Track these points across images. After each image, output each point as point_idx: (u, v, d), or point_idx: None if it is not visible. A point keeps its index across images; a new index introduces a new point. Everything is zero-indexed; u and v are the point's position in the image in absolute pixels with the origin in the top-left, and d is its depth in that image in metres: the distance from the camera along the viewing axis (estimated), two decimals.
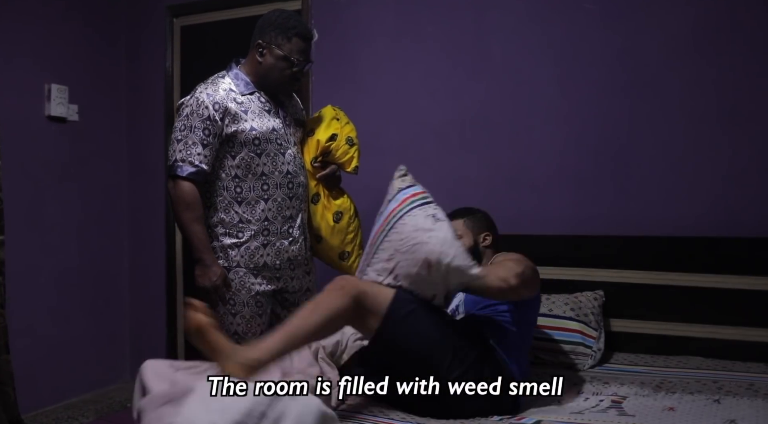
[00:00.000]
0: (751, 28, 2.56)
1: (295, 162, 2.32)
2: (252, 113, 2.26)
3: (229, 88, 2.26)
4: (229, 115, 2.21)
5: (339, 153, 2.39)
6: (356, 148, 2.42)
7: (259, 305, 2.30)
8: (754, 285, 2.44)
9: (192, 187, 2.20)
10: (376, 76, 3.18)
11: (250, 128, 2.23)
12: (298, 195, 2.32)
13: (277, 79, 2.29)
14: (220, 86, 2.26)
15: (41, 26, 3.31)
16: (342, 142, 2.39)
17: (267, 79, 2.29)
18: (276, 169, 2.26)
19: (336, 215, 2.40)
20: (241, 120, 2.22)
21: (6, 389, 2.88)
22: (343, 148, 2.39)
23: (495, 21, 2.96)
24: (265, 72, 2.28)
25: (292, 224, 2.32)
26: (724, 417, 1.79)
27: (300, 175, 2.33)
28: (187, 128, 2.20)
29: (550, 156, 2.87)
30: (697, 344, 2.50)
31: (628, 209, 2.73)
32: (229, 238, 2.26)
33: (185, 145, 2.19)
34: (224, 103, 2.21)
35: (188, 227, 2.22)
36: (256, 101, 2.29)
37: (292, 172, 2.29)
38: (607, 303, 2.61)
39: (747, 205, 2.56)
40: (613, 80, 2.76)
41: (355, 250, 2.45)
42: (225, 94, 2.24)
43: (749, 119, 2.57)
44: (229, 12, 3.57)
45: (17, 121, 3.15)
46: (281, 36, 2.25)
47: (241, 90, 2.28)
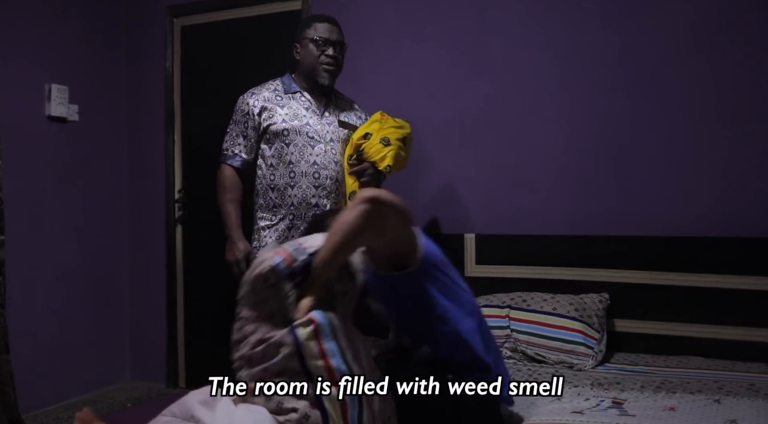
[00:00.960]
0: (751, 28, 2.56)
1: (326, 156, 2.49)
2: (288, 109, 2.51)
3: (274, 89, 2.55)
4: (266, 110, 2.49)
5: (371, 151, 2.46)
6: (393, 148, 2.45)
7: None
8: (754, 285, 2.44)
9: (231, 172, 2.54)
10: (376, 76, 3.18)
11: (282, 121, 2.48)
12: (325, 186, 2.49)
13: (313, 64, 2.49)
14: (265, 87, 2.56)
15: (41, 26, 3.31)
16: (375, 141, 2.46)
17: (307, 69, 2.51)
18: (303, 159, 2.46)
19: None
20: (276, 114, 2.49)
21: (6, 389, 2.88)
22: (376, 147, 2.45)
23: (495, 21, 2.96)
24: (304, 64, 2.51)
25: (317, 212, 2.46)
26: (724, 417, 1.79)
27: (329, 169, 2.49)
28: (233, 122, 2.56)
29: (551, 156, 2.87)
30: (698, 344, 2.50)
31: (628, 209, 2.73)
32: (263, 220, 2.52)
33: (230, 137, 2.56)
34: (263, 100, 2.51)
35: (222, 206, 2.54)
36: (297, 99, 2.54)
37: (319, 163, 2.47)
38: (609, 303, 2.61)
39: (748, 206, 2.56)
40: (614, 80, 2.76)
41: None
42: (269, 93, 2.53)
43: (750, 119, 2.57)
44: (229, 12, 3.57)
45: (17, 121, 3.15)
46: (305, 29, 2.52)
47: (286, 89, 2.55)
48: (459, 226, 2.99)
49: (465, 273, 2.88)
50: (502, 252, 2.83)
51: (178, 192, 3.69)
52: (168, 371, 3.72)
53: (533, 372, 2.31)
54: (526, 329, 2.49)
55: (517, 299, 2.61)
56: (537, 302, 2.56)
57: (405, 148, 2.53)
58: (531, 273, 2.77)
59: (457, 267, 2.85)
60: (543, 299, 2.57)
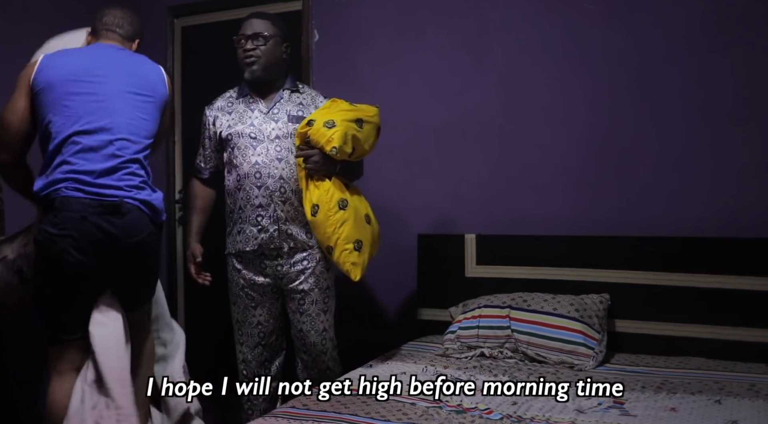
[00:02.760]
0: (753, 27, 2.56)
1: (268, 155, 2.46)
2: (235, 113, 2.54)
3: (228, 96, 2.61)
4: (217, 119, 2.56)
5: (317, 136, 2.32)
6: (338, 129, 2.30)
7: (250, 297, 2.53)
8: (755, 285, 2.43)
9: (196, 183, 2.65)
10: (376, 77, 3.17)
11: (227, 126, 2.53)
12: (267, 185, 2.45)
13: (240, 62, 2.52)
14: (222, 96, 2.63)
15: (42, 26, 3.30)
16: (320, 126, 2.32)
17: (241, 67, 2.52)
18: (245, 161, 2.47)
19: (313, 209, 2.35)
20: (223, 121, 2.54)
21: (6, 390, 2.88)
22: (321, 131, 2.31)
23: (495, 21, 2.96)
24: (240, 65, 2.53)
25: (261, 213, 2.46)
26: (725, 418, 1.79)
27: (270, 167, 2.46)
28: (201, 135, 2.64)
29: (552, 156, 2.86)
30: (699, 345, 2.50)
31: (629, 210, 2.73)
32: (227, 228, 2.57)
33: (199, 150, 2.65)
34: (216, 110, 2.58)
35: (187, 214, 2.70)
36: (243, 102, 2.56)
37: (260, 163, 2.46)
38: (609, 304, 2.60)
39: (748, 206, 2.56)
40: (615, 80, 2.76)
41: (339, 244, 2.35)
42: (222, 102, 2.60)
43: (750, 120, 2.57)
44: (229, 12, 3.57)
45: None
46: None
47: (239, 94, 2.59)
48: (459, 226, 2.98)
49: (465, 273, 2.89)
50: (502, 252, 2.83)
51: (179, 193, 3.69)
52: None
53: (533, 372, 2.31)
54: (527, 329, 2.48)
55: (518, 299, 2.60)
56: (537, 303, 2.56)
57: (362, 131, 2.38)
58: (531, 273, 2.76)
59: (457, 267, 2.89)
60: (543, 300, 2.57)
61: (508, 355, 2.49)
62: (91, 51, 2.23)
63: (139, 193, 2.04)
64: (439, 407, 1.92)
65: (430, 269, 2.96)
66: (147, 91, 2.16)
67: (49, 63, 2.11)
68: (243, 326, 2.57)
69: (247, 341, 2.57)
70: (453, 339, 2.57)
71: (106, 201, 1.97)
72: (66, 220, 1.94)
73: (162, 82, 2.22)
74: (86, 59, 2.15)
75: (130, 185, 2.03)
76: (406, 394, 2.04)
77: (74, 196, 1.95)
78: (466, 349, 2.54)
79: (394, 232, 3.08)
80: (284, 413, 1.88)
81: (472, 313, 2.61)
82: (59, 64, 2.10)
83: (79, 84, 2.07)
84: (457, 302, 2.80)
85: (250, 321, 2.55)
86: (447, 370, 2.33)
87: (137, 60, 2.24)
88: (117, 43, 2.27)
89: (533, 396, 2.02)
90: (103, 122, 2.04)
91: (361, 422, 1.80)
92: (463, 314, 2.65)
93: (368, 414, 1.86)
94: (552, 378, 2.22)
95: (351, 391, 2.08)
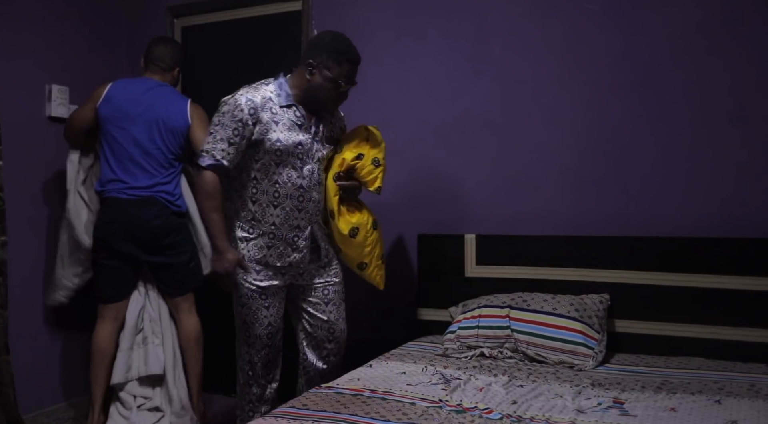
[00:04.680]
0: (752, 28, 2.56)
1: (312, 178, 2.44)
2: (282, 126, 2.39)
3: (269, 97, 2.40)
4: (261, 123, 2.36)
5: (364, 172, 2.49)
6: (382, 169, 2.51)
7: (263, 297, 2.46)
8: (755, 286, 2.43)
9: (213, 177, 2.37)
10: (376, 76, 3.17)
11: (276, 139, 2.37)
12: (308, 209, 2.45)
13: (322, 99, 2.40)
14: (260, 93, 2.39)
15: (42, 27, 3.31)
16: (368, 162, 2.48)
17: (312, 97, 2.40)
18: (290, 182, 2.40)
19: (352, 231, 2.51)
20: (270, 130, 2.36)
21: (6, 390, 2.88)
22: (368, 168, 2.49)
23: (495, 21, 2.96)
24: (312, 90, 2.39)
25: (299, 234, 2.45)
26: (725, 418, 1.79)
27: (313, 191, 2.46)
28: (220, 124, 2.36)
29: (551, 156, 2.87)
30: (698, 345, 2.50)
31: (628, 210, 2.73)
32: (241, 231, 2.46)
33: (213, 139, 2.37)
34: (259, 110, 2.36)
35: (207, 214, 2.41)
36: (291, 115, 2.41)
37: (305, 186, 2.43)
38: (609, 304, 2.60)
39: (748, 206, 2.56)
40: (614, 80, 2.76)
41: (373, 261, 2.59)
42: (263, 101, 2.38)
43: (750, 120, 2.57)
44: (229, 13, 3.58)
45: (18, 121, 3.15)
46: (332, 59, 2.36)
47: (281, 101, 2.41)
48: (459, 226, 2.99)
49: (465, 273, 2.89)
50: (502, 252, 2.83)
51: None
52: None
53: (533, 372, 2.31)
54: (527, 329, 2.48)
55: (518, 299, 2.60)
56: (537, 303, 2.56)
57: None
58: (531, 273, 2.76)
59: (457, 267, 2.89)
60: (543, 300, 2.57)
61: (508, 355, 2.49)
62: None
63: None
64: (439, 407, 1.92)
65: (430, 269, 2.96)
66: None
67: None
68: (252, 328, 2.49)
69: (255, 343, 2.52)
70: (453, 339, 2.57)
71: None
72: None
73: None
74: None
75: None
76: (406, 394, 2.04)
77: None
78: (466, 349, 2.54)
79: (394, 232, 3.09)
80: (284, 413, 1.88)
81: (471, 313, 2.61)
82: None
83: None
84: (457, 302, 2.80)
85: (261, 322, 2.49)
86: (447, 370, 2.33)
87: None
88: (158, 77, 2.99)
89: (533, 396, 2.02)
90: None
91: (361, 422, 1.80)
92: (462, 314, 2.65)
93: (368, 414, 1.86)
94: (552, 378, 2.23)
95: (351, 391, 2.08)
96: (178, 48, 3.10)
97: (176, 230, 2.90)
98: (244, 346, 2.55)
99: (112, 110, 2.87)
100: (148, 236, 2.84)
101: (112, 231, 2.84)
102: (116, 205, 2.84)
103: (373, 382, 2.18)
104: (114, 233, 2.84)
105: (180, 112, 2.91)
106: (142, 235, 2.83)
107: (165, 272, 2.93)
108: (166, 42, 3.08)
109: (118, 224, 2.83)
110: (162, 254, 2.88)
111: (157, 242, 2.86)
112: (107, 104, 2.89)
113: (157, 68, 3.00)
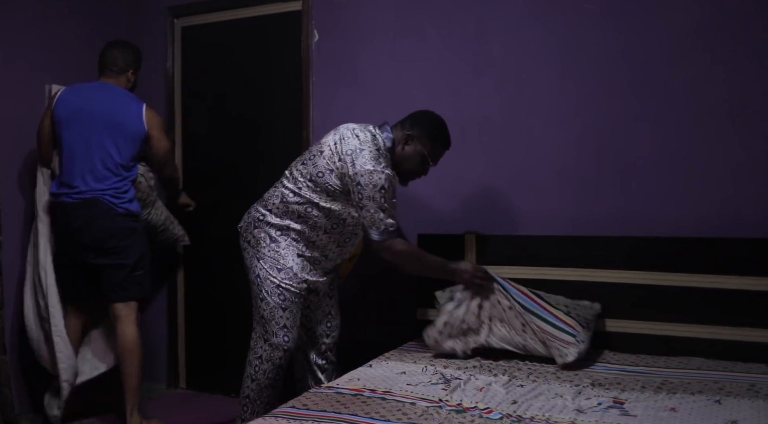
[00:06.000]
0: (752, 28, 2.56)
1: (356, 224, 2.56)
2: None
3: (387, 159, 2.47)
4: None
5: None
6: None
7: (282, 297, 2.47)
8: (754, 286, 2.43)
9: (400, 241, 2.50)
10: (376, 76, 3.18)
11: None
12: (345, 253, 2.66)
13: (408, 169, 2.54)
14: (382, 156, 2.44)
15: (42, 26, 3.31)
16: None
17: (400, 164, 2.51)
18: (347, 228, 2.55)
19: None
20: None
21: (3, 390, 2.88)
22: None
23: (495, 21, 2.96)
24: (403, 158, 2.52)
25: (333, 266, 2.66)
26: (725, 418, 1.79)
27: (358, 229, 2.56)
28: (386, 199, 2.39)
29: (551, 156, 2.87)
30: (698, 345, 2.50)
31: (628, 210, 2.73)
32: (295, 242, 2.50)
33: (387, 215, 2.41)
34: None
35: (425, 265, 2.54)
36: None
37: (357, 233, 2.59)
38: (608, 304, 2.61)
39: (748, 206, 2.56)
40: (614, 80, 2.76)
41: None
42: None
43: (750, 120, 2.57)
44: (229, 13, 3.58)
45: (17, 121, 3.15)
46: (429, 137, 2.51)
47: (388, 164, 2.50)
48: (459, 226, 2.99)
49: None
50: (502, 252, 2.83)
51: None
52: (169, 371, 3.72)
53: (533, 371, 2.31)
54: (519, 298, 2.47)
55: None
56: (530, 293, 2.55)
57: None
58: (531, 273, 2.76)
59: None
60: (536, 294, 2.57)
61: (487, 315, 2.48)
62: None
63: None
64: (439, 407, 1.92)
65: None
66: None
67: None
68: (269, 324, 2.47)
69: (284, 343, 2.51)
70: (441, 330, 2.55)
71: None
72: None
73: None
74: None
75: None
76: (406, 394, 2.04)
77: None
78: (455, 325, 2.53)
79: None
80: (284, 413, 1.88)
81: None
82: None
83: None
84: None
85: (277, 321, 2.48)
86: (447, 370, 2.33)
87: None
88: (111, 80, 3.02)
89: (533, 396, 2.02)
90: None
91: (361, 422, 1.80)
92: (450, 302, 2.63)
93: (368, 414, 1.86)
94: (552, 378, 2.23)
95: (351, 391, 2.08)
96: (132, 50, 3.10)
97: (123, 232, 2.89)
98: (266, 344, 2.53)
99: (63, 113, 2.91)
100: (89, 238, 2.85)
101: (59, 234, 2.93)
102: (62, 209, 2.90)
103: (373, 382, 2.18)
104: (61, 236, 2.93)
105: (133, 115, 2.95)
106: (83, 237, 2.86)
107: (106, 273, 2.91)
108: (118, 45, 3.08)
109: (64, 228, 2.89)
110: (107, 256, 2.88)
111: (101, 244, 2.86)
112: (59, 107, 2.92)
113: (109, 72, 3.03)
